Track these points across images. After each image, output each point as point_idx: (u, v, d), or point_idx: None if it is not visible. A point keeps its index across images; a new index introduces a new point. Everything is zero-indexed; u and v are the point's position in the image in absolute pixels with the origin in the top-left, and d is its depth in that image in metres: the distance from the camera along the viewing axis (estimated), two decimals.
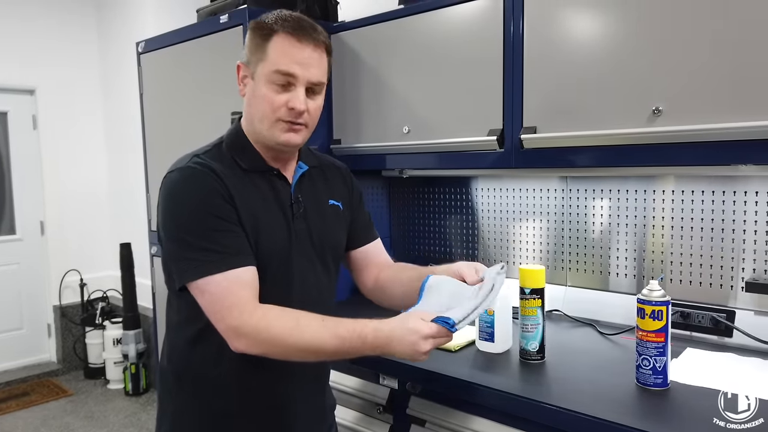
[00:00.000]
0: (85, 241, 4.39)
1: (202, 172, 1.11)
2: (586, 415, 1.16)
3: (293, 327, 1.04)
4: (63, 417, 3.60)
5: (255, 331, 1.04)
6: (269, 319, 1.05)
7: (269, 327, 1.04)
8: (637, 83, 1.41)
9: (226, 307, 1.04)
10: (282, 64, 1.11)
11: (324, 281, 1.25)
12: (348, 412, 1.67)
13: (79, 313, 4.31)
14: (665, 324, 1.24)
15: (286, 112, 1.13)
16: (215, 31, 2.11)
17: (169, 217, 1.11)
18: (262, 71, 1.12)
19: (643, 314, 1.25)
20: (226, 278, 1.05)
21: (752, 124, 1.24)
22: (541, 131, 1.57)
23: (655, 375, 1.25)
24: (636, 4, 1.41)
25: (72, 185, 4.33)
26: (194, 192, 1.10)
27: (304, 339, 1.04)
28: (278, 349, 1.06)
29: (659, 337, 1.24)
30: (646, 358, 1.26)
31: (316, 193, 1.26)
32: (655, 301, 1.24)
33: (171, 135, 2.41)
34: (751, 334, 1.52)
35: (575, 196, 1.92)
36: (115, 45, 4.19)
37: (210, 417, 1.18)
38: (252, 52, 1.14)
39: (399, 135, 1.92)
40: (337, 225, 1.29)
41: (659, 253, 1.75)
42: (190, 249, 1.07)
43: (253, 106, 1.16)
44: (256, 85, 1.14)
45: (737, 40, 1.27)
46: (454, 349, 1.57)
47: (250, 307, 1.05)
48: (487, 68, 1.68)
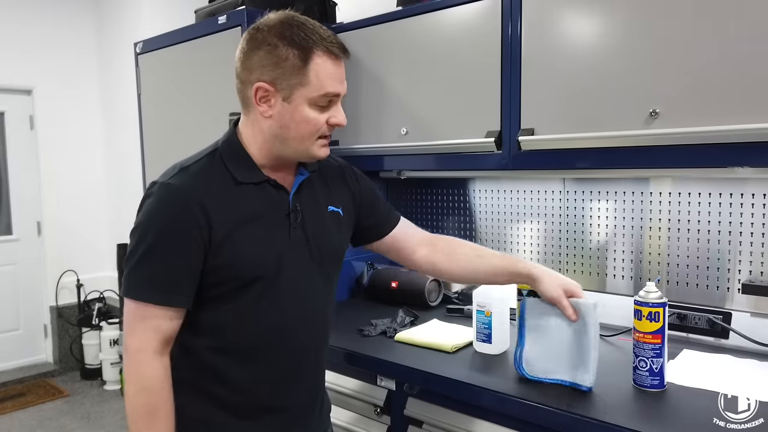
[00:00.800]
0: (82, 241, 4.39)
1: (174, 196, 1.08)
2: (582, 417, 1.17)
3: (147, 405, 1.08)
4: (59, 418, 3.59)
5: (126, 369, 1.10)
6: (147, 380, 1.08)
7: (134, 377, 1.09)
8: (634, 86, 1.42)
9: (129, 333, 1.09)
10: (331, 87, 1.10)
11: (321, 288, 1.23)
12: (345, 413, 1.67)
13: (76, 313, 4.30)
14: (662, 326, 1.24)
15: (327, 128, 1.13)
16: (213, 32, 2.12)
17: (134, 229, 1.10)
18: (304, 95, 1.09)
19: (640, 316, 1.25)
20: (141, 311, 1.08)
21: (748, 127, 1.25)
22: (539, 133, 1.58)
23: (652, 376, 1.25)
24: (633, 7, 1.41)
25: (69, 186, 4.32)
26: (158, 216, 1.08)
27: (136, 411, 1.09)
28: (132, 401, 1.10)
29: (656, 339, 1.24)
30: (643, 360, 1.26)
31: (315, 200, 1.24)
32: (652, 303, 1.24)
33: (169, 136, 2.41)
34: (747, 335, 1.52)
35: (573, 198, 1.93)
36: (113, 45, 4.19)
37: (200, 421, 1.17)
38: (283, 73, 1.07)
39: (397, 136, 1.92)
40: (336, 232, 1.27)
41: (656, 255, 1.76)
42: (135, 268, 1.08)
43: (290, 128, 1.11)
44: (295, 109, 1.09)
45: (733, 44, 1.27)
46: (452, 350, 1.57)
47: (146, 355, 1.09)
48: (485, 70, 1.69)
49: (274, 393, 1.19)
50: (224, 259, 1.09)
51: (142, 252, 1.07)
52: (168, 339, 1.10)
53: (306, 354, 1.21)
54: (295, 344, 1.19)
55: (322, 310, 1.24)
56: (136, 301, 1.07)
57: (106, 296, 4.29)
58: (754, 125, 1.24)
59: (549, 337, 1.32)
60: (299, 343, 1.19)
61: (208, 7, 2.28)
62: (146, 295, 1.07)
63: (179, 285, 1.07)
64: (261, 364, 1.16)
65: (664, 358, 1.26)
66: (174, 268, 1.07)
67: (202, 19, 2.26)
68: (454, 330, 1.74)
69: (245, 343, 1.14)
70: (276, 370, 1.18)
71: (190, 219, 1.06)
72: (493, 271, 1.36)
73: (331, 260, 1.26)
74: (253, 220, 1.13)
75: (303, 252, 1.19)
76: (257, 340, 1.15)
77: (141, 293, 1.07)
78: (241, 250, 1.10)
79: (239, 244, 1.10)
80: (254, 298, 1.12)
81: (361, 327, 1.79)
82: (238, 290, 1.11)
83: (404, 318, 1.86)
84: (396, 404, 1.56)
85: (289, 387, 1.20)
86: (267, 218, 1.15)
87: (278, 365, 1.17)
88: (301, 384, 1.23)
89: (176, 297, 1.08)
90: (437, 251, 1.41)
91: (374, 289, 2.18)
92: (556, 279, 1.28)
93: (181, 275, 1.07)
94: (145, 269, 1.07)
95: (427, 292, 2.03)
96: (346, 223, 1.31)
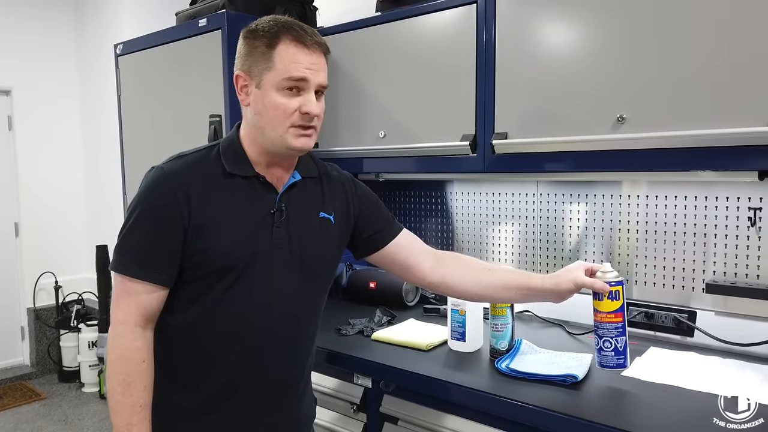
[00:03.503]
0: (60, 243, 4.35)
1: (163, 179, 1.15)
2: (554, 412, 1.21)
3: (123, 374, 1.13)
4: (36, 420, 3.55)
5: (110, 340, 1.15)
6: (121, 350, 1.13)
7: (115, 349, 1.14)
8: (602, 92, 1.47)
9: (114, 306, 1.15)
10: (294, 70, 1.13)
11: (297, 289, 1.24)
12: (323, 411, 1.70)
13: (54, 315, 4.26)
14: (622, 304, 1.26)
15: (299, 116, 1.16)
16: (194, 35, 2.13)
17: (128, 209, 1.18)
18: (271, 79, 1.14)
19: (600, 296, 1.26)
20: (125, 285, 1.14)
21: (708, 132, 1.30)
22: (512, 137, 1.62)
23: (617, 356, 1.27)
24: (601, 17, 1.46)
25: (47, 187, 4.28)
26: (149, 196, 1.16)
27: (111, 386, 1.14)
28: (110, 369, 1.14)
29: (618, 317, 1.26)
30: (607, 340, 1.27)
31: (305, 204, 1.26)
32: (613, 282, 1.26)
33: (148, 137, 2.42)
34: (711, 333, 1.58)
35: (546, 201, 1.98)
36: (93, 46, 4.16)
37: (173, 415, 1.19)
38: (255, 60, 1.15)
39: (375, 139, 1.96)
40: (324, 238, 1.28)
41: (625, 255, 1.81)
42: (122, 241, 1.16)
43: (262, 115, 1.16)
44: (265, 94, 1.15)
45: (695, 53, 1.33)
46: (427, 348, 1.61)
47: (127, 328, 1.14)
48: (460, 75, 1.73)
49: (227, 385, 1.20)
50: (200, 245, 1.14)
51: (128, 228, 1.15)
52: (150, 315, 1.15)
53: (270, 352, 1.22)
54: (256, 341, 1.20)
55: (296, 311, 1.25)
56: (122, 275, 1.14)
57: (84, 298, 4.26)
58: (713, 130, 1.30)
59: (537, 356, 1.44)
60: (262, 340, 1.21)
61: (188, 9, 2.29)
62: (129, 268, 1.14)
63: (158, 262, 1.14)
64: (222, 356, 1.19)
65: (626, 336, 1.28)
66: (154, 245, 1.14)
67: (182, 22, 2.27)
68: (429, 329, 1.78)
69: (211, 332, 1.18)
70: (234, 365, 1.20)
71: (173, 201, 1.13)
72: (505, 285, 1.33)
73: (316, 265, 1.27)
74: (236, 212, 1.17)
75: (283, 252, 1.21)
76: (222, 330, 1.18)
77: (125, 267, 1.14)
78: (217, 240, 1.15)
79: (215, 234, 1.15)
80: (224, 288, 1.16)
81: (339, 326, 1.82)
82: (209, 277, 1.16)
83: (381, 318, 1.89)
84: (372, 402, 1.59)
85: (244, 383, 1.21)
86: (250, 213, 1.19)
87: (236, 360, 1.20)
88: (259, 383, 1.22)
89: (154, 273, 1.13)
90: (445, 264, 1.38)
91: (353, 290, 2.21)
92: (567, 275, 1.28)
93: (159, 252, 1.14)
94: (129, 244, 1.15)
95: (405, 292, 2.07)
96: (337, 231, 1.32)
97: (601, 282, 1.25)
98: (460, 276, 1.36)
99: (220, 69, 2.03)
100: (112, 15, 3.93)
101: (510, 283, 1.33)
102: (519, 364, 1.43)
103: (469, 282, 1.35)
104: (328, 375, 1.70)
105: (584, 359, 1.40)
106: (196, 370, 1.19)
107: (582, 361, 1.40)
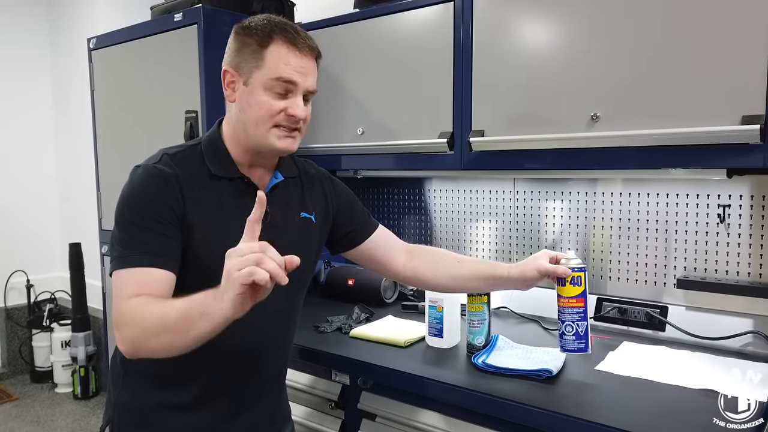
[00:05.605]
0: (32, 241, 4.25)
1: (158, 175, 1.12)
2: (529, 406, 1.22)
3: (161, 305, 1.01)
4: (8, 422, 3.48)
5: (124, 315, 1.02)
6: (141, 303, 1.02)
7: (136, 311, 1.01)
8: (576, 90, 1.49)
9: (116, 297, 1.05)
10: (283, 72, 1.13)
11: (283, 290, 1.20)
12: (301, 408, 1.69)
13: (26, 315, 4.17)
14: (584, 290, 1.30)
15: (284, 117, 1.15)
16: (169, 29, 2.10)
17: (117, 210, 1.13)
18: (259, 78, 1.13)
19: (564, 282, 1.30)
20: (131, 273, 1.06)
21: (677, 131, 1.33)
22: (489, 134, 1.64)
23: (578, 340, 1.30)
24: (576, 17, 1.49)
25: (19, 183, 4.18)
26: (141, 192, 1.12)
27: (159, 312, 0.99)
28: (147, 327, 1.00)
29: (580, 302, 1.29)
30: (569, 324, 1.30)
31: (287, 204, 1.26)
32: (576, 268, 1.30)
33: (123, 133, 2.38)
34: (681, 327, 1.61)
35: (523, 198, 2.00)
36: (66, 39, 4.07)
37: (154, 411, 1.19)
38: (245, 57, 1.14)
39: (353, 136, 1.96)
40: (305, 238, 1.29)
41: (600, 252, 1.84)
42: (119, 243, 1.10)
43: (247, 112, 1.15)
44: (251, 92, 1.14)
45: (666, 54, 1.36)
46: (404, 344, 1.61)
47: (145, 299, 1.03)
48: (438, 73, 1.74)
49: (211, 386, 1.20)
50: (191, 245, 1.12)
51: (125, 228, 1.09)
52: (162, 292, 1.07)
53: (253, 353, 1.23)
54: (239, 342, 1.19)
55: (277, 311, 1.25)
56: (129, 268, 1.06)
57: (57, 297, 4.18)
58: (684, 129, 1.33)
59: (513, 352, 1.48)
60: (245, 341, 1.20)
61: (164, 4, 2.26)
62: (132, 261, 1.06)
63: (164, 251, 1.08)
64: (206, 359, 1.16)
65: (588, 321, 1.31)
66: (154, 235, 1.08)
67: (157, 16, 2.24)
68: (407, 325, 1.78)
69: None
70: (218, 367, 1.19)
71: (170, 193, 1.11)
72: (474, 276, 1.37)
73: (300, 264, 1.28)
74: (222, 214, 1.16)
75: None
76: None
77: (126, 262, 1.07)
78: (207, 241, 1.13)
79: (207, 238, 1.13)
80: (208, 286, 1.14)
81: (318, 324, 1.81)
82: (194, 280, 1.12)
83: (360, 315, 1.89)
84: (350, 398, 1.60)
85: (228, 383, 1.21)
86: (236, 214, 1.17)
87: (220, 362, 1.19)
88: (243, 382, 1.23)
89: (159, 259, 1.07)
90: (417, 258, 1.42)
91: (331, 287, 2.21)
92: (532, 263, 1.31)
93: (163, 242, 1.09)
94: (127, 241, 1.09)
95: (383, 289, 2.07)
96: (317, 230, 1.33)
97: (564, 267, 1.29)
98: (431, 269, 1.41)
99: (196, 64, 2.01)
100: (86, 9, 3.85)
101: (478, 273, 1.37)
102: (495, 359, 1.44)
103: (440, 274, 1.40)
104: (305, 372, 1.70)
105: (559, 354, 1.42)
106: (181, 372, 1.18)
107: (556, 356, 1.43)
